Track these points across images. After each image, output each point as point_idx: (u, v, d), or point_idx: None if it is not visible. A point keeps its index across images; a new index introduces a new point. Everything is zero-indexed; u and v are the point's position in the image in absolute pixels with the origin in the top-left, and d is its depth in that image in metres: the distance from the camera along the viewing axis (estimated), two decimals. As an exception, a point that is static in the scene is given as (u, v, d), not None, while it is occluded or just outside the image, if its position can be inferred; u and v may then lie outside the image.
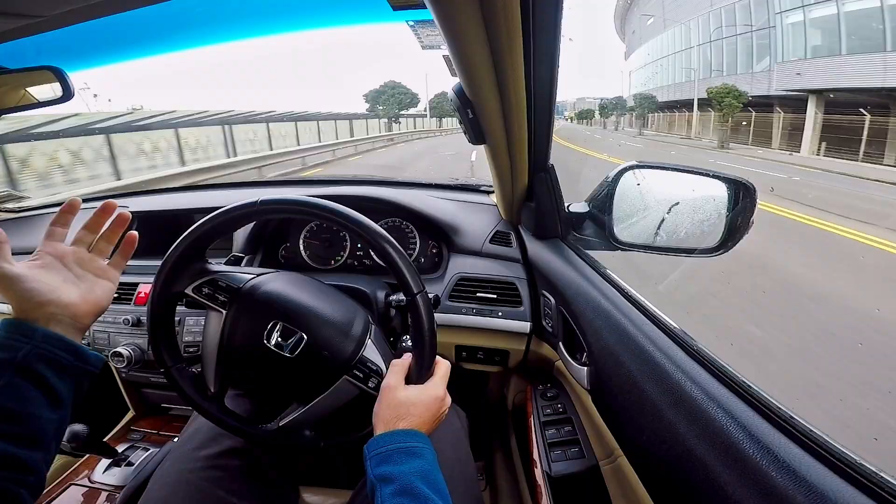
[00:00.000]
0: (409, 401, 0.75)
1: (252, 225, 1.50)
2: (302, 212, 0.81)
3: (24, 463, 0.57)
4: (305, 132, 19.66)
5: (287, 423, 0.84)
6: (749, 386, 0.59)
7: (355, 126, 26.11)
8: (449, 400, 0.81)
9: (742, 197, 1.00)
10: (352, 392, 0.83)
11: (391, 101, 43.82)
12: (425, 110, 49.00)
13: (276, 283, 0.89)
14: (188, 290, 0.83)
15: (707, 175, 1.04)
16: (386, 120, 39.02)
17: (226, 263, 0.92)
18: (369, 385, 0.83)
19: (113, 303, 0.74)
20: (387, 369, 0.82)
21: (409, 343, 0.96)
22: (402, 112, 43.84)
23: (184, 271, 0.83)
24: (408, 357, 0.82)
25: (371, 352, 0.86)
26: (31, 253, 0.69)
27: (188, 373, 0.88)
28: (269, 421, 0.86)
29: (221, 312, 0.83)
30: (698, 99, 29.43)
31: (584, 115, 65.30)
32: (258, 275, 0.89)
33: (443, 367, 0.83)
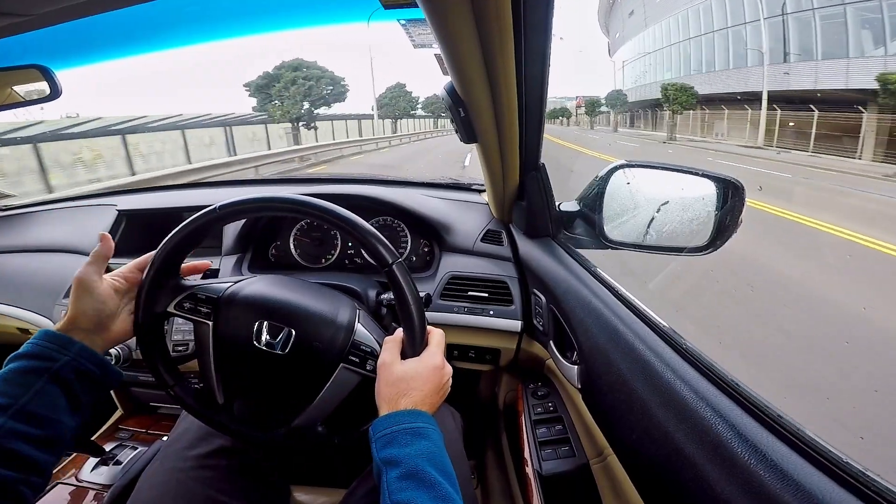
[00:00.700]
0: (408, 375, 0.73)
1: (241, 223, 1.49)
2: (263, 208, 0.81)
3: (36, 464, 0.61)
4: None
5: (298, 423, 0.83)
6: (737, 384, 0.60)
7: (241, 134, 17.35)
8: (449, 369, 0.79)
9: (731, 196, 1.01)
10: (353, 380, 0.82)
11: (293, 92, 25.82)
12: (373, 109, 36.50)
13: (255, 285, 0.89)
14: (170, 308, 0.83)
15: (696, 174, 1.04)
16: (289, 126, 24.39)
17: (202, 279, 0.91)
18: (367, 368, 0.82)
19: None
20: (381, 349, 0.81)
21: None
22: (322, 111, 27.08)
23: (161, 291, 0.82)
24: (400, 332, 0.81)
25: (362, 335, 0.85)
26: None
27: (191, 388, 0.88)
28: (277, 423, 0.86)
29: (208, 324, 0.83)
30: (776, 93, 19.86)
31: (556, 115, 59.54)
32: (236, 282, 0.89)
33: (436, 335, 0.81)
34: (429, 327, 0.81)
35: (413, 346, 0.78)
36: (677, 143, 24.69)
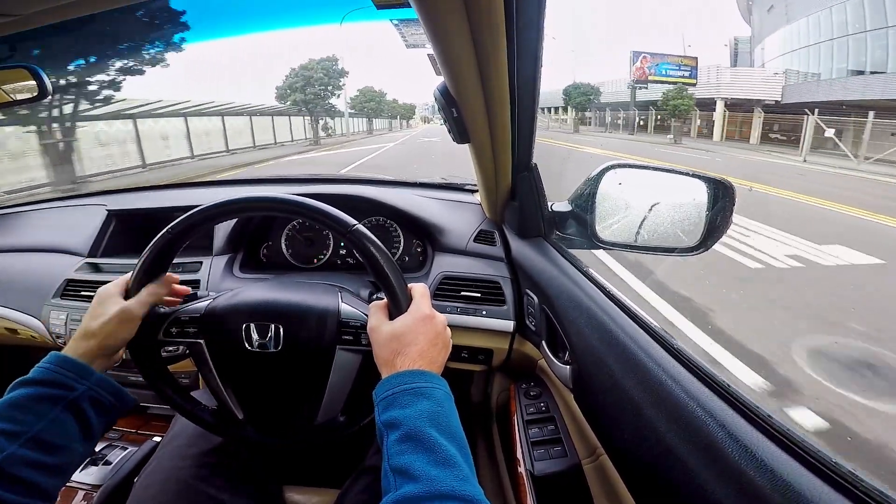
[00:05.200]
0: (398, 331, 0.71)
1: (232, 223, 1.48)
2: (209, 218, 0.80)
3: (45, 491, 0.61)
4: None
5: (320, 419, 0.84)
6: (728, 385, 0.60)
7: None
8: (442, 317, 0.77)
9: (721, 196, 1.01)
10: (354, 359, 0.82)
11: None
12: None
13: (232, 294, 0.89)
14: (160, 338, 0.83)
15: (687, 174, 1.04)
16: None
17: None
18: (363, 343, 0.81)
19: None
20: None
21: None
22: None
23: (145, 323, 0.82)
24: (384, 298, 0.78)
25: (349, 313, 0.85)
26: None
27: (209, 410, 0.88)
28: (298, 424, 0.86)
29: (200, 342, 0.84)
30: None
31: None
32: (215, 297, 0.89)
33: (419, 287, 0.78)
34: (410, 283, 0.79)
35: (396, 304, 0.75)
36: None
